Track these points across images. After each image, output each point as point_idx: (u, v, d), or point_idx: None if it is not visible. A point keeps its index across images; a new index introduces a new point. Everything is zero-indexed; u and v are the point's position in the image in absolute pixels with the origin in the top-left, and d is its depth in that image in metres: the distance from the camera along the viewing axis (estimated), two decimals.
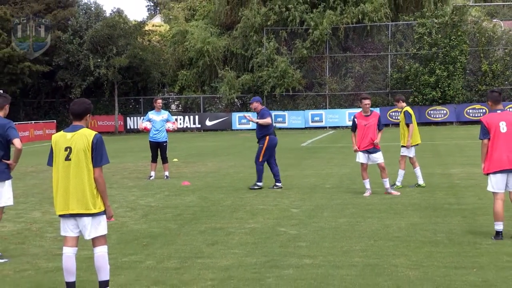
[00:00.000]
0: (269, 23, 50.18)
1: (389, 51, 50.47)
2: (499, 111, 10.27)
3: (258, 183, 16.64)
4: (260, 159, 16.67)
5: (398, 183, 15.93)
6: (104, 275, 7.27)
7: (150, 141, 19.51)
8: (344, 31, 49.67)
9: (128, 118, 53.00)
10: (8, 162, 9.65)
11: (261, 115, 16.69)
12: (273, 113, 49.57)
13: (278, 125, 49.38)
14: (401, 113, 16.13)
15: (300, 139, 37.57)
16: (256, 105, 16.95)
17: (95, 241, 7.30)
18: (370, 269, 8.45)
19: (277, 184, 16.70)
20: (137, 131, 51.17)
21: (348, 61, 51.06)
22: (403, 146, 16.07)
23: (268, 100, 50.89)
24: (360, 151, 14.99)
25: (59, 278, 8.23)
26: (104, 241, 7.33)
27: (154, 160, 19.50)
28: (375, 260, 8.88)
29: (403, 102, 16.22)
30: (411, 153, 16.08)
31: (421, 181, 16.01)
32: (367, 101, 14.91)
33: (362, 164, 15.08)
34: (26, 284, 8.12)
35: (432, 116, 47.44)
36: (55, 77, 51.39)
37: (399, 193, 14.99)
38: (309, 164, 22.55)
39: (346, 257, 9.11)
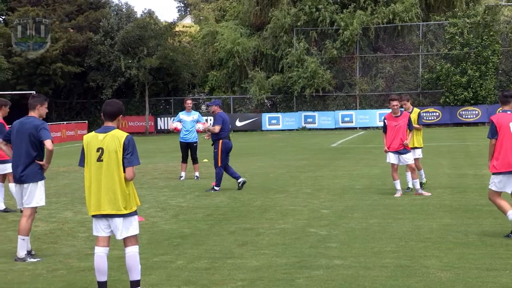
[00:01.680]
0: (299, 23, 50.10)
1: (420, 51, 50.13)
2: (509, 112, 10.30)
3: (216, 188, 16.68)
4: (219, 164, 16.69)
5: (423, 180, 15.82)
6: (136, 275, 7.30)
7: (180, 141, 19.61)
8: (374, 31, 49.45)
9: (158, 119, 53.28)
10: (41, 163, 9.70)
11: (214, 120, 16.88)
12: (303, 113, 49.64)
13: (308, 125, 49.39)
14: (411, 113, 15.81)
15: (330, 139, 37.46)
16: (215, 108, 17.08)
17: (126, 241, 7.33)
18: (401, 270, 8.39)
19: (239, 180, 16.84)
20: (167, 132, 51.42)
21: (379, 61, 50.80)
22: (416, 148, 15.75)
23: (298, 101, 50.87)
24: (391, 151, 14.89)
25: (91, 277, 8.30)
26: (136, 241, 7.36)
27: (184, 160, 19.58)
28: (406, 262, 8.82)
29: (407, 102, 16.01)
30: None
31: (410, 185, 15.66)
32: (395, 102, 14.83)
33: (392, 164, 14.99)
34: (59, 283, 8.19)
35: (463, 116, 47.04)
36: (86, 78, 51.83)
37: (429, 194, 14.87)
38: (339, 165, 22.47)
39: (377, 258, 9.07)
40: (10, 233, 11.59)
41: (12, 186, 13.71)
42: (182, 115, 19.65)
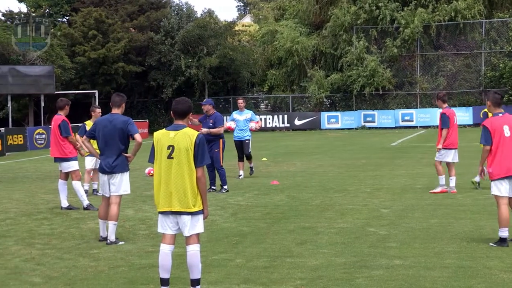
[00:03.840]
0: (359, 22, 49.80)
1: (483, 49, 49.28)
2: (500, 114, 9.94)
3: (225, 187, 16.62)
4: (221, 163, 16.69)
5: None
6: (196, 273, 7.32)
7: (234, 140, 19.77)
8: (436, 29, 48.80)
9: None
10: (127, 155, 10.71)
11: (215, 120, 16.64)
12: (363, 112, 49.37)
13: (367, 124, 49.01)
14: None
15: (390, 138, 37.13)
16: (209, 107, 16.90)
17: (188, 239, 7.36)
18: (462, 271, 8.27)
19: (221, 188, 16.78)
20: (226, 131, 51.61)
21: (440, 59, 50.10)
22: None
23: (357, 100, 50.57)
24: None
25: (152, 274, 8.40)
26: (198, 239, 7.39)
27: (240, 159, 19.72)
28: (468, 262, 8.68)
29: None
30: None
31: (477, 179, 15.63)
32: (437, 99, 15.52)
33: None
34: (120, 280, 8.30)
35: None
36: (147, 77, 52.47)
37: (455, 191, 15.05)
38: (399, 164, 22.27)
39: (438, 258, 8.95)
40: (73, 230, 11.81)
41: (78, 183, 14.08)
42: (235, 114, 19.81)
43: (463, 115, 47.41)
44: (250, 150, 19.60)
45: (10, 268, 8.99)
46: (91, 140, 11.22)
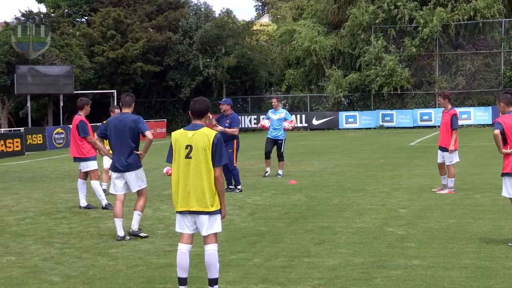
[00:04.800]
0: (377, 21, 49.67)
1: (502, 48, 48.98)
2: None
3: (239, 186, 16.62)
4: (235, 164, 16.64)
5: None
6: (214, 273, 7.32)
7: (267, 137, 19.90)
8: (454, 28, 48.56)
9: None
10: (138, 153, 10.99)
11: (231, 120, 16.56)
12: (381, 112, 49.26)
13: (385, 124, 48.87)
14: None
15: (408, 138, 37.00)
16: (227, 107, 16.76)
17: (206, 239, 7.36)
18: (481, 271, 8.23)
19: (237, 187, 16.74)
20: (244, 130, 51.73)
21: (459, 59, 49.84)
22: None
23: (375, 99, 50.45)
24: (439, 147, 15.52)
25: (170, 274, 8.42)
26: (215, 239, 7.39)
27: (267, 157, 19.82)
28: (487, 263, 8.64)
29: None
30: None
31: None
32: (440, 98, 15.61)
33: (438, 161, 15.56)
34: (138, 279, 8.33)
35: None
36: (165, 77, 52.65)
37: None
38: (417, 164, 22.18)
39: (456, 258, 8.91)
40: (92, 229, 11.87)
41: (96, 183, 14.17)
42: (270, 113, 20.00)
43: (482, 115, 47.20)
44: (283, 150, 19.71)
45: (29, 267, 9.06)
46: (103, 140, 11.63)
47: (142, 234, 10.91)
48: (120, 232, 10.85)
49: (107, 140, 11.27)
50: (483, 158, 23.69)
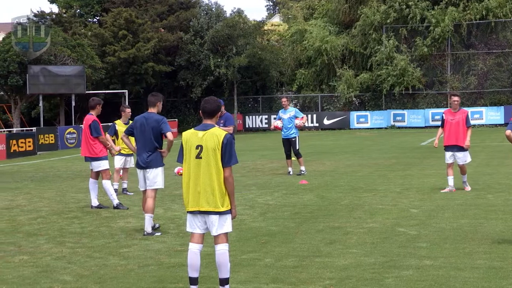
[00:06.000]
0: (388, 20, 49.56)
1: None
2: None
3: None
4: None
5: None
6: (225, 273, 7.32)
7: (282, 138, 20.16)
8: (466, 28, 48.37)
9: (246, 117, 53.68)
10: (161, 151, 11.38)
11: (225, 120, 16.56)
12: (392, 111, 49.15)
13: (397, 124, 48.76)
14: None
15: (419, 138, 36.89)
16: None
17: (217, 239, 7.36)
18: (494, 272, 8.19)
19: None
20: (255, 130, 51.77)
21: (471, 58, 49.63)
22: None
23: (386, 99, 50.33)
24: (446, 147, 15.60)
25: (181, 273, 8.43)
26: (226, 239, 7.40)
27: (288, 156, 20.13)
28: (499, 263, 8.60)
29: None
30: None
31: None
32: (456, 98, 15.49)
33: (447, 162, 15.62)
34: (150, 279, 8.34)
35: None
36: (176, 77, 52.73)
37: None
38: (429, 164, 22.11)
39: (468, 259, 8.87)
40: (103, 228, 11.90)
41: (108, 182, 14.21)
42: (280, 113, 20.26)
43: (494, 115, 47.00)
44: (298, 147, 19.94)
45: (41, 266, 9.09)
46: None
47: (157, 234, 11.15)
48: (148, 229, 11.18)
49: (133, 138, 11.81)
50: (495, 158, 23.59)
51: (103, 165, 14.27)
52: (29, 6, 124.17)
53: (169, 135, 11.29)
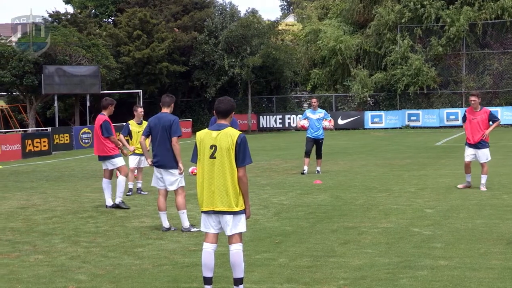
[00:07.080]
0: (403, 20, 49.43)
1: None
2: None
3: None
4: None
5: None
6: (239, 273, 7.32)
7: (307, 136, 20.31)
8: (482, 27, 48.15)
9: (261, 117, 53.65)
10: (179, 172, 11.51)
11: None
12: (407, 111, 49.06)
13: (411, 124, 48.62)
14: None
15: (434, 138, 36.77)
16: None
17: (231, 238, 7.36)
18: (509, 272, 8.15)
19: None
20: (270, 130, 51.73)
21: (486, 58, 49.42)
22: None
23: (401, 99, 50.18)
24: (467, 144, 15.75)
25: (195, 273, 8.45)
26: (240, 238, 7.40)
27: (307, 155, 20.32)
28: None
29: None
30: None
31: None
32: (472, 98, 15.55)
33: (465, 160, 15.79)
34: (164, 278, 8.36)
35: None
36: (191, 77, 52.78)
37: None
38: (444, 164, 22.04)
39: (483, 259, 8.83)
40: (118, 228, 11.93)
41: (123, 179, 14.29)
42: (308, 113, 20.43)
43: (510, 114, 46.77)
44: (322, 149, 20.45)
45: (56, 266, 9.13)
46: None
47: (194, 229, 11.35)
48: (165, 223, 11.61)
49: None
50: (511, 158, 23.47)
51: (118, 162, 14.29)
52: (29, 7, 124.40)
53: (174, 140, 11.41)
